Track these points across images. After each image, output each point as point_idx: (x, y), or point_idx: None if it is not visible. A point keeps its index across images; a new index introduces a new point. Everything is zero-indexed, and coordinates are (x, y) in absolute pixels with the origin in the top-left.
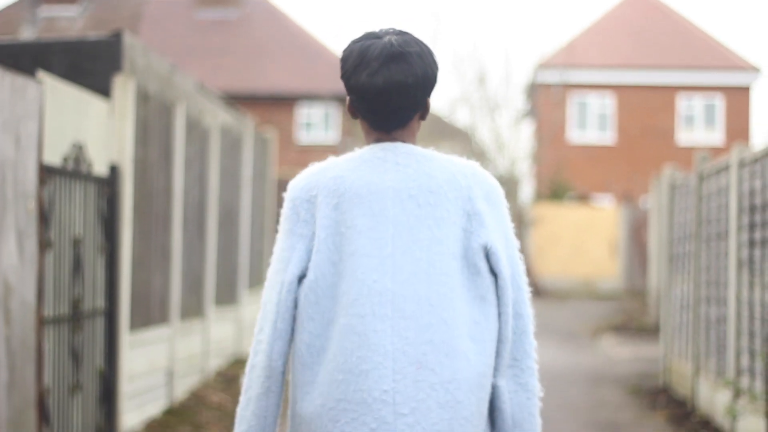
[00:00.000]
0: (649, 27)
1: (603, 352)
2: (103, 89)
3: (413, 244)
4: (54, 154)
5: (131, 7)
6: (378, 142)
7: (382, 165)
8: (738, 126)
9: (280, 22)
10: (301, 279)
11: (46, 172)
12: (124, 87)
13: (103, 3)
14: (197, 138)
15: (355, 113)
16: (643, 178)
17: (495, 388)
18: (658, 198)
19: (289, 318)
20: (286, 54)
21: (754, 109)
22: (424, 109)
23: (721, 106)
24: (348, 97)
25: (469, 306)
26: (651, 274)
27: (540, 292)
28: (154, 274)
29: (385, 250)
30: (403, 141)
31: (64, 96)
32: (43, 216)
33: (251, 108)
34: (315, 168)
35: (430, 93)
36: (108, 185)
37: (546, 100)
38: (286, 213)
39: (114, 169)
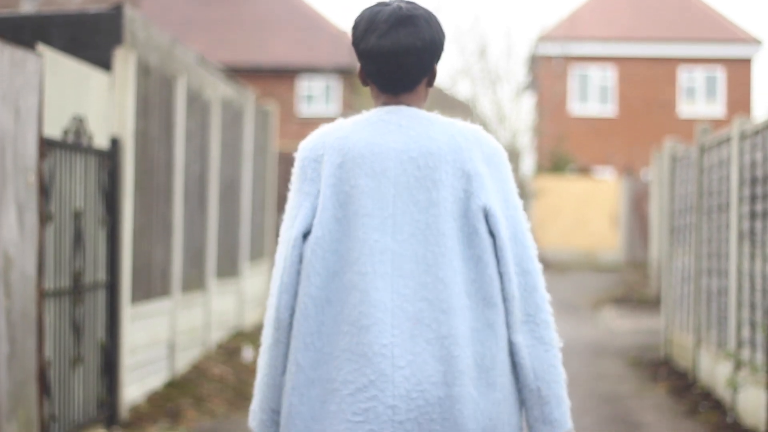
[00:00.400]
0: None
1: (604, 324)
2: (103, 62)
3: (413, 205)
4: (54, 127)
5: None
6: (385, 105)
7: (385, 127)
8: (739, 98)
9: None
10: (306, 235)
11: (46, 146)
12: (124, 60)
13: None
14: (198, 111)
15: (365, 79)
16: (644, 151)
17: (513, 344)
18: (659, 170)
19: (295, 272)
20: (287, 27)
21: (755, 81)
22: (431, 75)
23: (722, 78)
24: (359, 65)
25: (465, 265)
26: (652, 246)
27: (541, 263)
28: (156, 246)
29: (386, 211)
30: (408, 105)
31: (64, 69)
32: (43, 189)
33: (252, 81)
34: (324, 129)
35: (437, 59)
36: (109, 158)
37: (547, 73)
38: (295, 172)
39: (115, 142)
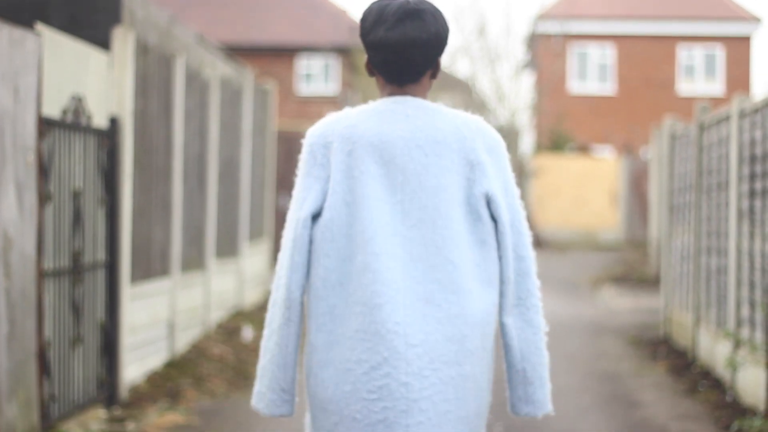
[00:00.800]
0: None
1: (603, 303)
2: (102, 41)
3: (420, 191)
4: (53, 107)
5: None
6: (391, 95)
7: (393, 116)
8: (738, 76)
9: None
10: (315, 217)
11: (45, 125)
12: (123, 39)
13: None
14: (197, 90)
15: (372, 70)
16: (643, 129)
17: (503, 326)
18: (658, 149)
19: (305, 252)
20: (286, 5)
21: (755, 59)
22: (435, 67)
23: (721, 56)
24: (366, 56)
25: (471, 249)
26: (651, 224)
27: (540, 243)
28: (155, 226)
29: (395, 197)
30: (414, 95)
31: (63, 48)
32: (42, 169)
33: (251, 60)
34: (332, 117)
35: (441, 52)
36: (108, 137)
37: (546, 51)
38: (304, 157)
39: (114, 122)
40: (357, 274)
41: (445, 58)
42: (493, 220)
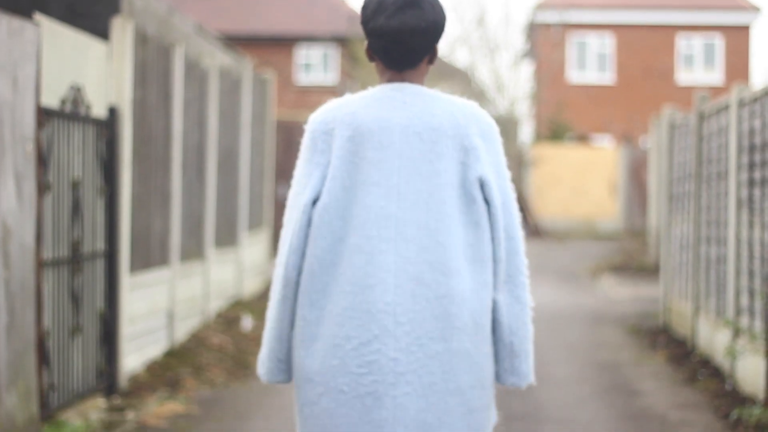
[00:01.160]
0: None
1: (603, 292)
2: (101, 31)
3: (416, 176)
4: (52, 97)
5: None
6: (390, 81)
7: (391, 103)
8: (737, 66)
9: None
10: (315, 202)
11: (44, 115)
12: (122, 29)
13: None
14: (196, 80)
15: (372, 56)
16: (642, 118)
17: (494, 302)
18: (657, 138)
19: (303, 236)
20: None
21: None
22: (432, 54)
23: (720, 45)
24: (366, 42)
25: (464, 230)
26: (651, 214)
27: (539, 232)
28: (154, 216)
29: (391, 180)
30: (412, 81)
31: (62, 38)
32: (41, 159)
33: (250, 49)
34: (333, 104)
35: (439, 39)
36: (107, 127)
37: (545, 40)
38: (305, 143)
39: (113, 111)
40: (349, 254)
41: (444, 47)
42: (486, 202)
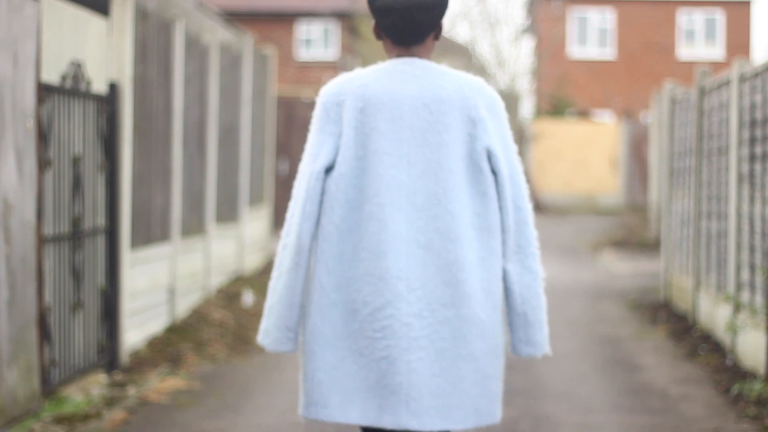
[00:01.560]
0: None
1: (604, 267)
2: (101, 7)
3: (426, 146)
4: (52, 73)
5: None
6: (399, 57)
7: (401, 76)
8: (738, 41)
9: None
10: (327, 170)
11: (44, 91)
12: (122, 4)
13: None
14: (196, 56)
15: (380, 34)
16: (643, 94)
17: (504, 272)
18: (658, 113)
19: (317, 202)
20: None
21: (755, 23)
22: (438, 29)
23: (721, 20)
24: (373, 21)
25: (472, 200)
26: (652, 189)
27: (541, 207)
28: (155, 191)
29: (401, 150)
30: (419, 56)
31: (61, 14)
32: (41, 135)
33: (250, 25)
34: (344, 77)
35: (444, 15)
36: (107, 103)
37: (546, 16)
38: (317, 114)
39: (113, 87)
40: (364, 222)
41: (445, 22)
42: (493, 173)
